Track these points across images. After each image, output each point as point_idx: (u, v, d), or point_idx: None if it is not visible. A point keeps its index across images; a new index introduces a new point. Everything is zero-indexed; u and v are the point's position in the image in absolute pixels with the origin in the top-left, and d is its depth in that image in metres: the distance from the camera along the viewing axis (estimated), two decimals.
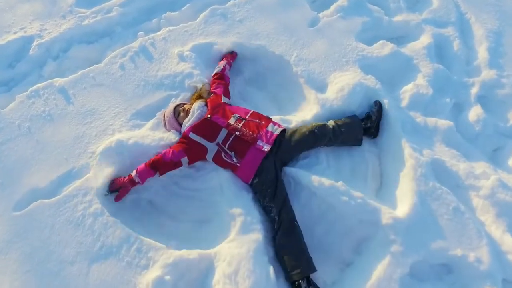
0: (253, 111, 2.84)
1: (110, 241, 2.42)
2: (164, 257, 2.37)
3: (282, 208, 2.49)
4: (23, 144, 2.83)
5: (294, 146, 2.68)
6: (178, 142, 2.72)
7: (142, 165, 2.60)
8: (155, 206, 2.78)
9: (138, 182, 2.58)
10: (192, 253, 2.39)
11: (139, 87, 3.14)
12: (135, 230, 2.49)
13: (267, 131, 2.68)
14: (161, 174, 2.64)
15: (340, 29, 3.57)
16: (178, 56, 3.28)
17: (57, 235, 2.45)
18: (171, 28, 3.51)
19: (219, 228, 2.56)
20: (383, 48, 3.43)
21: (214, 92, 2.94)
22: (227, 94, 2.97)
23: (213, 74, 3.10)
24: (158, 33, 3.49)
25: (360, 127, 2.86)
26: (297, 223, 2.47)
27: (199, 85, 3.06)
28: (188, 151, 2.65)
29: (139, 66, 3.26)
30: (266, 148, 2.60)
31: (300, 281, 2.33)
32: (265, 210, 2.54)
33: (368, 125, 2.90)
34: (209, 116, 2.70)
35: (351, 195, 2.56)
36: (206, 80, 3.12)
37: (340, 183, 2.61)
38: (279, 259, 2.43)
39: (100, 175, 2.68)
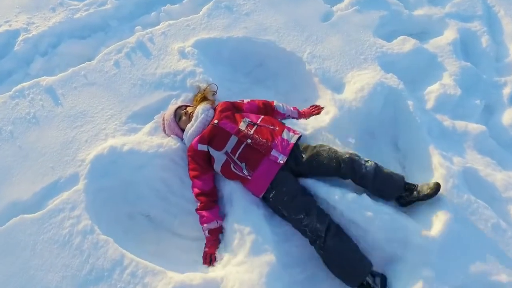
0: (264, 116, 2.52)
1: (101, 264, 2.11)
2: (163, 283, 2.05)
3: (320, 214, 2.21)
4: (4, 151, 2.52)
5: (314, 168, 2.34)
6: (190, 162, 2.41)
7: (202, 218, 2.31)
8: (152, 221, 2.47)
9: (217, 227, 2.30)
10: (196, 278, 2.07)
11: (135, 87, 2.83)
12: (129, 251, 2.17)
13: (283, 139, 2.36)
14: (216, 200, 2.39)
15: (356, 24, 3.26)
16: (179, 53, 2.97)
17: (39, 257, 2.13)
18: (171, 22, 3.20)
19: (226, 248, 2.25)
20: (404, 44, 3.12)
21: (238, 104, 2.62)
22: (250, 110, 2.61)
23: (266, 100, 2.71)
24: (157, 27, 3.19)
25: (398, 189, 2.33)
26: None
27: (203, 85, 2.75)
28: (205, 170, 2.38)
29: (136, 64, 2.95)
30: (282, 160, 2.28)
31: (367, 278, 2.15)
32: (294, 222, 2.24)
33: (403, 195, 2.34)
34: (216, 121, 2.38)
35: (377, 210, 2.24)
36: (211, 79, 2.80)
37: (364, 196, 2.29)
38: (336, 265, 2.17)
39: (91, 186, 2.37)
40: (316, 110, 2.79)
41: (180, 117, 2.53)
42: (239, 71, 3.10)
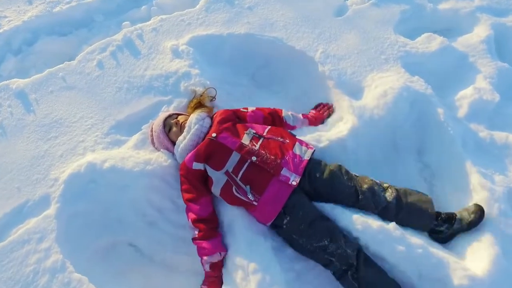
0: (271, 126, 2.13)
1: None
2: None
3: (347, 238, 1.86)
4: None
5: (329, 193, 1.97)
6: (183, 183, 2.01)
7: (201, 250, 1.91)
8: (139, 252, 2.08)
9: (219, 260, 1.92)
10: None
11: (121, 91, 2.43)
12: None
13: (294, 155, 1.97)
14: (217, 227, 2.00)
15: (374, 19, 2.87)
16: (172, 51, 2.58)
17: None
18: (163, 16, 2.81)
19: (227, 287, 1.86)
20: (430, 43, 2.72)
21: (241, 113, 2.23)
22: (255, 120, 2.22)
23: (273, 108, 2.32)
24: (148, 22, 2.80)
25: (429, 221, 1.95)
26: None
27: (199, 89, 2.35)
28: (201, 192, 1.98)
29: (122, 64, 2.56)
30: (295, 180, 1.89)
31: None
32: (314, 252, 1.86)
33: (442, 228, 1.96)
34: (214, 135, 1.98)
35: (409, 243, 1.85)
36: (208, 82, 2.41)
37: (392, 225, 1.90)
38: None
39: (64, 211, 1.98)
40: (326, 110, 2.40)
41: (170, 127, 2.13)
42: (241, 72, 2.71)
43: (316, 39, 2.71)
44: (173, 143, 2.11)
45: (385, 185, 2.00)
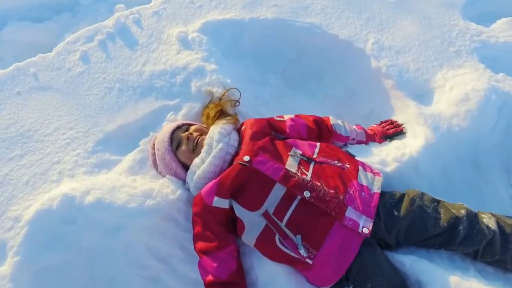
0: (321, 143, 1.53)
1: None
2: None
3: None
4: None
5: (413, 235, 1.39)
6: (196, 225, 1.41)
7: None
8: None
9: None
10: None
11: (111, 93, 1.83)
12: None
13: (360, 186, 1.38)
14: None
15: (435, 2, 2.29)
16: (179, 41, 1.98)
17: None
18: None
19: None
20: (511, 30, 2.12)
21: (276, 123, 1.61)
22: (297, 133, 1.61)
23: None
24: (147, 5, 2.20)
25: None
26: None
27: (217, 90, 1.75)
28: (223, 241, 1.37)
29: (114, 57, 1.96)
30: (366, 226, 1.30)
31: None
32: None
33: None
34: (246, 158, 1.37)
35: None
36: (229, 81, 1.80)
37: None
38: None
39: (28, 266, 1.37)
40: (394, 128, 1.80)
41: (180, 144, 1.52)
42: (268, 68, 2.12)
43: (365, 26, 2.12)
44: (185, 167, 1.51)
45: (484, 213, 1.44)
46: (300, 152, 1.43)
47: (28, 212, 1.46)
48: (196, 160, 1.43)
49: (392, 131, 1.79)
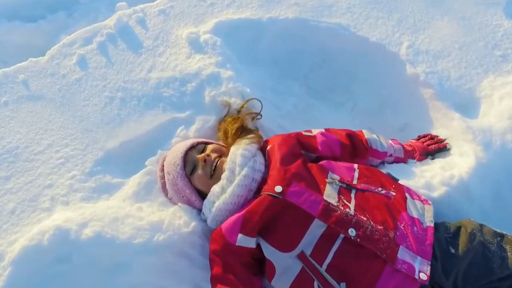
0: (359, 165, 1.30)
1: None
2: None
3: None
4: None
5: (474, 276, 1.15)
6: (214, 264, 1.18)
7: None
8: None
9: None
10: None
11: (112, 104, 1.61)
12: None
13: (411, 219, 1.16)
14: None
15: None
16: (189, 43, 1.75)
17: None
18: None
19: None
20: None
21: (305, 139, 1.38)
22: (330, 150, 1.38)
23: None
24: (153, 3, 1.97)
25: None
26: None
27: (235, 101, 1.52)
28: (248, 285, 1.15)
29: (116, 62, 1.74)
30: (423, 272, 1.07)
31: None
32: None
33: None
34: (279, 189, 1.13)
35: None
36: (248, 90, 1.57)
37: None
38: None
39: None
40: (436, 144, 1.57)
41: (195, 167, 1.29)
42: (289, 75, 1.89)
43: (396, 27, 1.89)
44: (200, 194, 1.27)
45: None
46: (338, 178, 1.20)
47: (13, 248, 1.24)
48: (216, 189, 1.19)
49: (434, 147, 1.57)
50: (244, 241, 1.11)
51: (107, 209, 1.30)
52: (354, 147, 1.42)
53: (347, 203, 1.13)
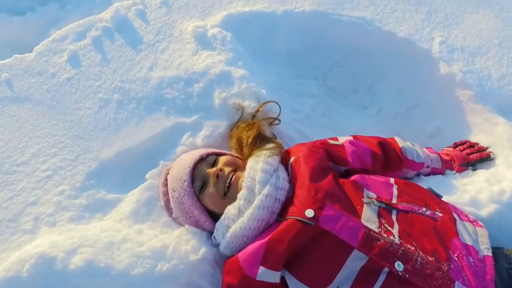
0: (395, 180, 1.11)
1: None
2: None
3: None
4: None
5: None
6: None
7: None
8: None
9: None
10: None
11: (107, 107, 1.41)
12: None
13: (465, 247, 0.96)
14: None
15: None
16: (195, 38, 1.56)
17: None
18: None
19: None
20: None
21: (333, 148, 1.19)
22: (360, 162, 1.18)
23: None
24: None
25: None
26: None
27: (250, 104, 1.33)
28: None
29: (112, 60, 1.55)
30: None
31: None
32: None
33: None
34: (310, 213, 0.92)
35: None
36: (264, 91, 1.37)
37: None
38: None
39: None
40: (477, 153, 1.38)
41: (205, 184, 1.09)
42: (307, 73, 1.72)
43: (426, 21, 1.71)
44: (211, 214, 1.07)
45: None
46: (375, 196, 1.01)
47: None
48: (231, 210, 0.99)
49: (475, 157, 1.38)
50: (267, 275, 0.92)
51: (100, 232, 1.10)
52: (387, 158, 1.22)
53: (389, 228, 0.93)
